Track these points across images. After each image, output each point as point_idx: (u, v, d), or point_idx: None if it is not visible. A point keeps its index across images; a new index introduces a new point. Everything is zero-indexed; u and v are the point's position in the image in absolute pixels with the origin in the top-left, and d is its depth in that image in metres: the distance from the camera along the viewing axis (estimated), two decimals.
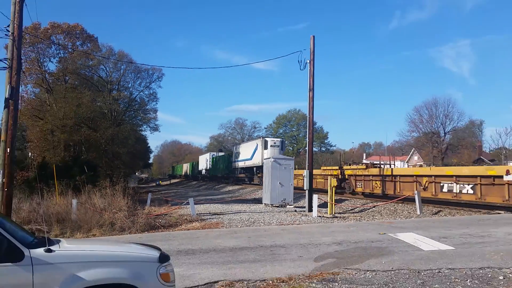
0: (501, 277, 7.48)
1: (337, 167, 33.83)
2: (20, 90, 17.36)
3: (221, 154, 72.20)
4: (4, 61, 14.93)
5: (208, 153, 79.32)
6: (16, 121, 15.21)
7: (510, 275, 7.64)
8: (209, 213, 21.74)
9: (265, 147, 45.33)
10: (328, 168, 36.44)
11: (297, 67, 23.77)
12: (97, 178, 30.92)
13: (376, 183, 27.65)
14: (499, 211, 18.87)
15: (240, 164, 53.31)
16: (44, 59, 44.32)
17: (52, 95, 40.88)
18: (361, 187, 29.10)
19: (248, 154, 50.14)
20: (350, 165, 34.01)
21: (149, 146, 78.07)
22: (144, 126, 58.89)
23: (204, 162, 78.48)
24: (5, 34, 14.88)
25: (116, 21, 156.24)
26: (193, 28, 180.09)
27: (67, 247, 4.82)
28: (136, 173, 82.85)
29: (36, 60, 42.94)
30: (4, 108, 14.82)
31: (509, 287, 6.95)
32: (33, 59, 42.55)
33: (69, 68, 43.93)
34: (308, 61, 23.50)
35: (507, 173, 16.88)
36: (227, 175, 60.38)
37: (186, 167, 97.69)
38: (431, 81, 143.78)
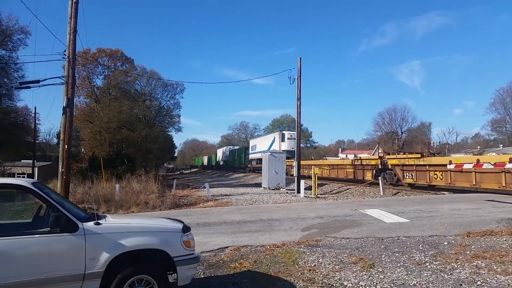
0: (445, 243, 7.48)
1: (376, 157, 24.97)
2: (74, 101, 17.37)
3: (237, 147, 68.74)
4: (62, 78, 14.96)
5: (226, 147, 76.50)
6: (72, 124, 15.20)
7: (453, 241, 7.63)
8: (221, 194, 21.70)
9: (282, 140, 42.40)
10: (345, 161, 28.74)
11: (287, 81, 23.88)
12: (134, 168, 30.85)
13: (436, 174, 19.19)
14: (444, 192, 18.84)
15: (257, 156, 46.88)
16: (93, 77, 44.67)
17: (99, 104, 41.00)
18: (412, 178, 20.67)
19: (265, 146, 45.93)
20: (391, 154, 25.87)
21: (174, 143, 77.73)
22: (170, 128, 58.79)
23: (221, 154, 75.82)
24: (62, 57, 14.90)
25: (148, 46, 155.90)
26: (206, 52, 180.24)
27: (111, 221, 4.81)
28: (164, 164, 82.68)
29: (87, 77, 43.21)
30: (63, 114, 14.84)
31: (451, 249, 6.94)
32: (84, 76, 42.81)
33: (112, 83, 44.08)
34: (296, 77, 23.53)
35: (450, 162, 16.85)
36: (244, 165, 57.20)
37: (205, 159, 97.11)
38: (391, 92, 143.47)
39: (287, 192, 22.69)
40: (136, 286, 4.35)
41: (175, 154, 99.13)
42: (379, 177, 21.85)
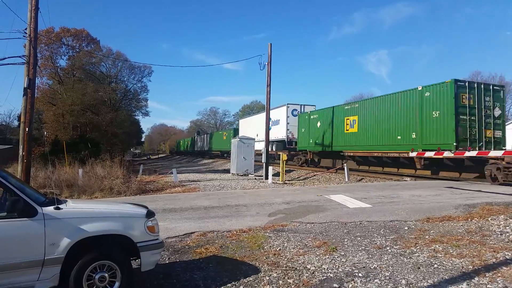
0: (406, 228, 7.74)
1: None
2: (36, 82, 16.66)
3: (224, 131, 58.63)
4: (23, 57, 14.29)
5: (211, 133, 67.35)
6: (33, 106, 14.56)
7: (413, 226, 7.91)
8: (188, 180, 21.56)
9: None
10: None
11: (258, 67, 23.73)
12: (99, 152, 30.14)
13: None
14: (406, 178, 19.46)
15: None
16: (56, 57, 43.10)
17: (62, 86, 39.57)
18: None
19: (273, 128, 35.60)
20: None
21: (141, 128, 76.23)
22: (137, 112, 57.75)
23: (201, 139, 69.02)
24: (23, 36, 14.19)
25: (115, 27, 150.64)
26: (176, 35, 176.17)
27: (72, 206, 4.68)
28: (131, 149, 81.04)
29: (50, 57, 41.62)
30: (23, 96, 14.21)
31: (411, 234, 7.20)
32: (47, 56, 41.22)
33: (77, 65, 42.72)
34: (266, 63, 23.45)
35: (412, 150, 17.42)
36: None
37: (186, 142, 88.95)
38: (359, 80, 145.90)
39: (255, 178, 22.80)
40: (98, 271, 4.28)
41: (142, 139, 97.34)
42: (344, 164, 22.29)
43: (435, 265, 5.39)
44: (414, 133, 18.62)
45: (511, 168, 14.54)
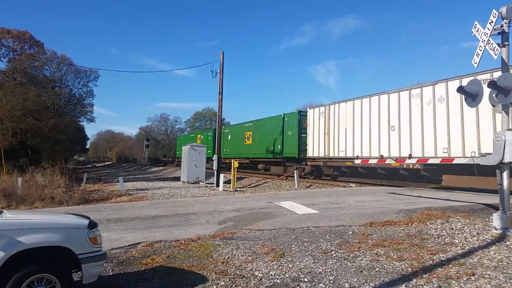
0: (350, 232, 8.00)
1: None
2: None
3: (198, 134, 50.40)
4: None
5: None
6: None
7: (357, 230, 8.19)
8: (136, 189, 20.98)
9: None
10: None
11: (210, 74, 23.89)
12: (40, 160, 28.66)
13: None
14: (351, 185, 20.15)
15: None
16: None
17: (2, 90, 37.17)
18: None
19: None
20: None
21: (86, 134, 72.93)
22: (82, 118, 55.69)
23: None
24: None
25: (60, 30, 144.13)
26: (125, 39, 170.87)
27: (8, 217, 4.42)
28: (75, 157, 77.55)
29: None
30: None
31: (355, 239, 7.45)
32: None
33: (18, 68, 40.51)
34: (218, 71, 23.52)
35: (357, 158, 18.12)
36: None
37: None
38: (309, 89, 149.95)
39: (206, 186, 22.64)
40: (37, 285, 4.05)
41: (87, 146, 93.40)
42: (295, 171, 22.70)
43: (377, 268, 5.61)
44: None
45: None
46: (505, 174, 7.99)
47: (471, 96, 8.72)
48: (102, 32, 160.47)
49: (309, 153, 23.84)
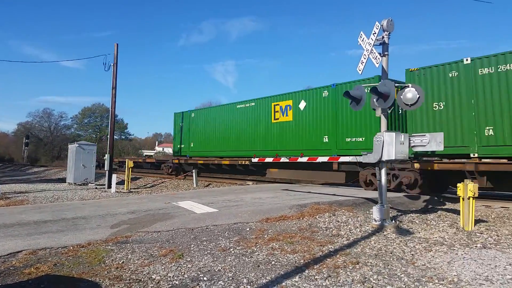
0: (247, 229, 8.22)
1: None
2: None
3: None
4: None
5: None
6: None
7: (254, 227, 8.45)
8: (14, 192, 18.89)
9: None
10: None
11: (102, 67, 22.46)
12: None
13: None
14: (248, 183, 20.72)
15: None
16: None
17: None
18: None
19: None
20: None
21: None
22: None
23: None
24: None
25: None
26: (1, 23, 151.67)
27: None
28: None
29: None
30: None
31: (252, 235, 7.68)
32: None
33: None
34: (112, 64, 22.28)
35: (254, 157, 18.64)
36: None
37: None
38: (208, 88, 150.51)
39: (96, 188, 21.32)
40: None
41: None
42: (193, 171, 22.57)
43: (273, 262, 5.86)
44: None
45: None
46: (383, 171, 8.93)
47: (355, 100, 9.56)
48: None
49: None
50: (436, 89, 14.00)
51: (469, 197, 8.53)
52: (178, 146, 28.41)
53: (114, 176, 20.01)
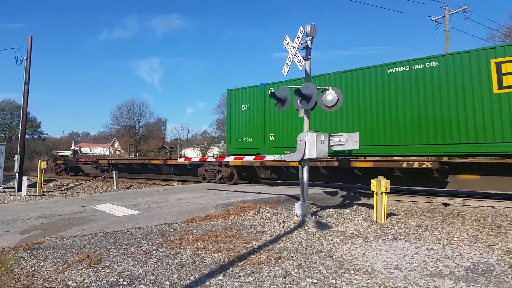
0: (172, 230, 8.06)
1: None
2: None
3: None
4: None
5: None
6: None
7: (178, 228, 8.31)
8: None
9: None
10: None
11: (13, 61, 20.63)
12: None
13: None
14: (174, 183, 20.34)
15: None
16: None
17: None
18: None
19: None
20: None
21: None
22: None
23: None
24: None
25: None
26: None
27: None
28: None
29: None
30: None
31: (176, 236, 7.54)
32: None
33: None
34: (25, 58, 20.51)
35: (180, 156, 18.39)
36: None
37: None
38: (131, 86, 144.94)
39: (4, 191, 19.51)
40: None
41: None
42: (114, 172, 21.63)
43: (197, 262, 5.82)
44: None
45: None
46: (305, 169, 9.27)
47: (280, 101, 9.83)
48: None
49: None
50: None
51: (382, 192, 9.18)
52: (242, 139, 19.12)
53: (25, 178, 18.47)
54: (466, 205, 11.69)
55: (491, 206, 11.28)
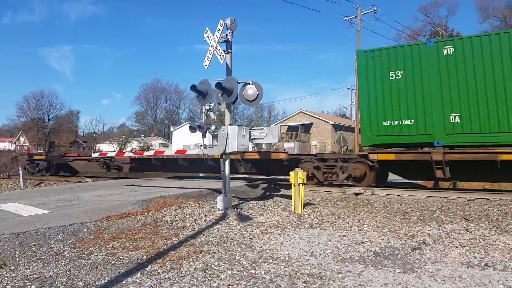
0: (85, 229, 7.66)
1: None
2: None
3: None
4: None
5: None
6: None
7: (92, 226, 7.92)
8: None
9: None
10: None
11: None
12: None
13: None
14: (87, 180, 19.30)
15: None
16: None
17: None
18: None
19: None
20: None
21: None
22: None
23: None
24: None
25: None
26: None
27: None
28: None
29: None
30: None
31: (90, 235, 7.19)
32: None
33: None
34: None
35: (94, 151, 17.43)
36: None
37: None
38: (40, 75, 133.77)
39: None
40: None
41: None
42: (20, 168, 19.93)
43: (113, 261, 5.60)
44: None
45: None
46: (227, 163, 9.36)
47: (201, 94, 9.74)
48: None
49: None
50: None
51: (299, 183, 9.58)
52: (391, 122, 12.92)
53: None
54: (374, 194, 12.61)
55: (397, 195, 12.31)
